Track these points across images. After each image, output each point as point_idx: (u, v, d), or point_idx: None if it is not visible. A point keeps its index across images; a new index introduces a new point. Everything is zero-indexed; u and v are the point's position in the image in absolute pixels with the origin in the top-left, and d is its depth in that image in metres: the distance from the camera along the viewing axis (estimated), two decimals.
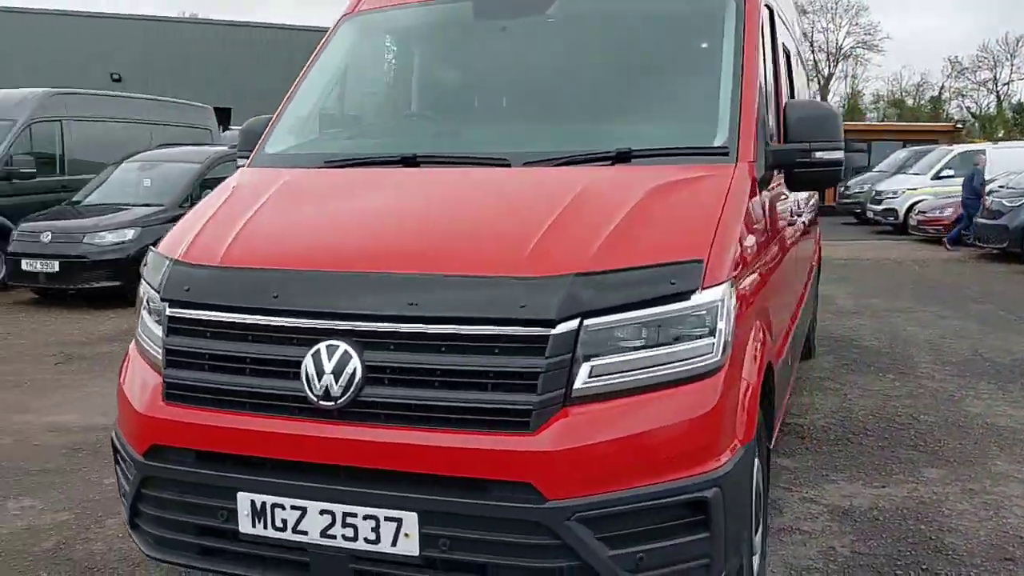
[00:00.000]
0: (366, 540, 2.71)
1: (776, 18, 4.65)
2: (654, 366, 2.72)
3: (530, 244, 2.83)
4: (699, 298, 2.80)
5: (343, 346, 2.73)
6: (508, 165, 3.43)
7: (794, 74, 5.48)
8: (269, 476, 2.80)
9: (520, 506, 2.59)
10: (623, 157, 3.38)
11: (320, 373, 2.73)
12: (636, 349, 2.71)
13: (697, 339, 2.78)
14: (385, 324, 2.73)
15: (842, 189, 25.98)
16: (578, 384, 2.65)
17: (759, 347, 3.29)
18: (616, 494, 2.63)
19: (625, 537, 2.65)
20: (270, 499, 2.79)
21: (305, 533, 2.76)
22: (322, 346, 2.75)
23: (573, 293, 2.68)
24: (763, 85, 3.75)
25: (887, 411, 6.19)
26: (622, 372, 2.70)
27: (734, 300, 2.93)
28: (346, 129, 3.95)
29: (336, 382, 2.71)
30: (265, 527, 2.80)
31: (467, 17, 4.19)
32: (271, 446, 2.80)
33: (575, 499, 2.60)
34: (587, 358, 2.67)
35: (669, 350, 2.74)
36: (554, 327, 2.64)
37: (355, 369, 2.71)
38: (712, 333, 2.81)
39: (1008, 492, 4.70)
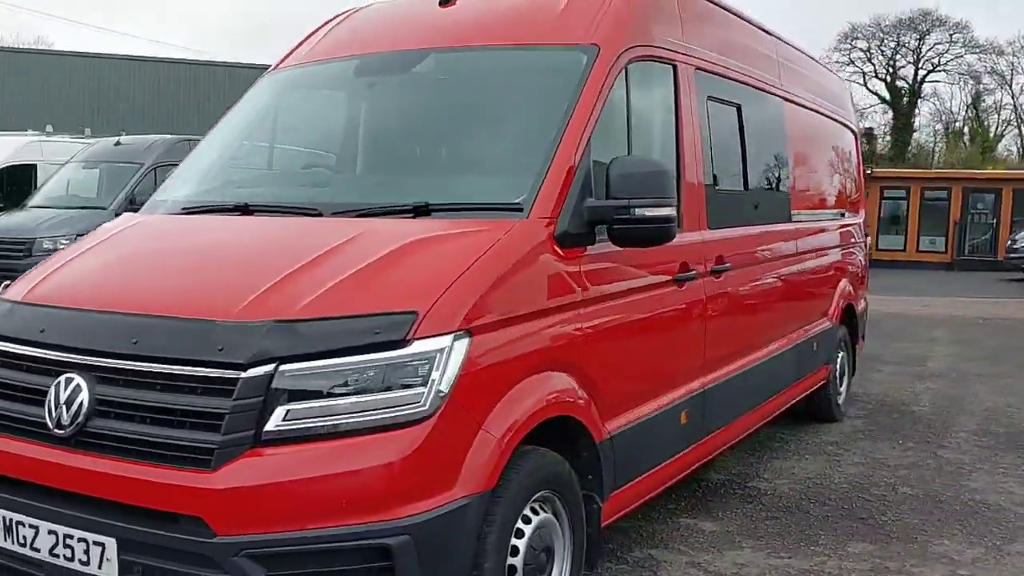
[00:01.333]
0: (80, 561, 2.90)
1: (689, 76, 4.58)
2: (354, 412, 2.79)
3: (258, 291, 2.97)
4: (411, 348, 2.85)
5: (77, 379, 2.97)
6: (320, 215, 3.59)
7: (746, 132, 5.33)
8: (14, 495, 3.06)
9: (193, 539, 2.72)
10: (422, 210, 3.47)
11: (58, 403, 2.98)
12: (337, 395, 2.80)
13: (404, 388, 2.83)
14: (111, 360, 2.95)
15: (1008, 243, 24.20)
16: (270, 426, 2.76)
17: (543, 403, 3.28)
18: (291, 534, 2.71)
19: None
20: (15, 516, 3.04)
21: (39, 550, 2.99)
22: (63, 378, 3.00)
23: (269, 339, 2.80)
24: (588, 144, 3.68)
25: (869, 481, 5.79)
26: (320, 416, 2.78)
27: (466, 353, 2.95)
28: (220, 178, 4.22)
29: (67, 412, 2.95)
30: (12, 542, 3.06)
31: (348, 76, 4.41)
32: (18, 467, 3.06)
33: (245, 536, 2.69)
34: (282, 401, 2.77)
35: (372, 398, 2.81)
36: (244, 371, 2.76)
37: (83, 401, 2.93)
38: (424, 384, 2.85)
39: (923, 575, 4.33)
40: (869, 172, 31.99)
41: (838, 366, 7.35)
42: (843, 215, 7.50)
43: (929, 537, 4.82)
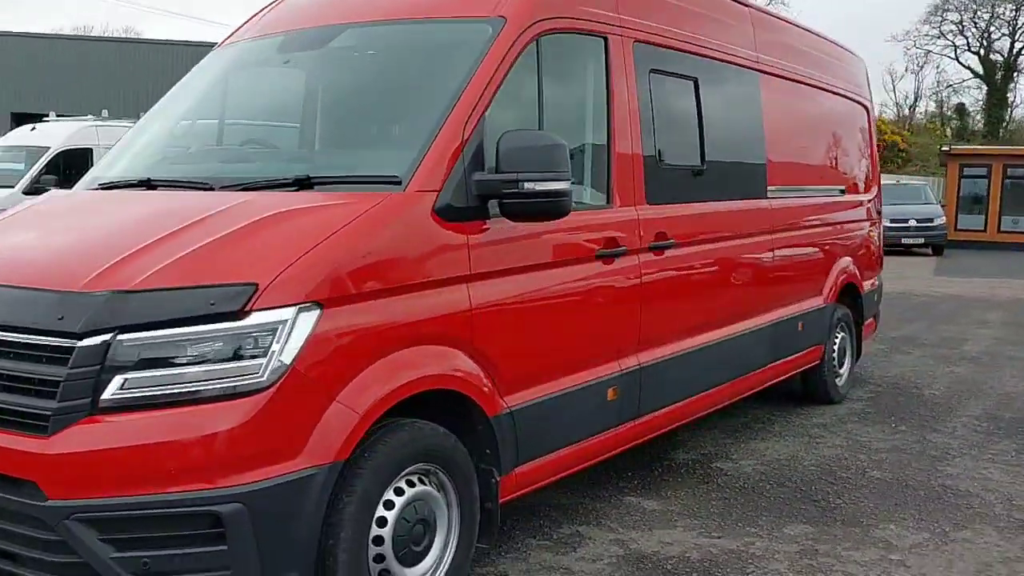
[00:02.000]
0: None
1: (624, 48, 4.51)
2: (190, 382, 2.86)
3: (110, 263, 3.05)
4: (249, 320, 2.90)
5: None
6: (211, 189, 3.67)
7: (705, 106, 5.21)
8: None
9: (27, 502, 2.83)
10: (305, 184, 3.52)
11: None
12: (174, 365, 2.86)
13: (241, 359, 2.89)
14: None
15: None
16: (107, 394, 2.84)
17: (415, 377, 3.30)
18: (122, 499, 2.79)
19: (132, 541, 2.80)
20: None
21: None
22: None
23: (106, 309, 2.88)
24: (483, 117, 3.66)
25: (841, 464, 5.64)
26: (157, 385, 2.86)
27: (315, 325, 2.98)
28: (144, 153, 4.32)
29: None
30: None
31: (273, 52, 4.47)
32: None
33: (76, 500, 2.79)
34: (120, 370, 2.85)
35: (209, 368, 2.87)
36: (80, 339, 2.85)
37: None
38: (264, 355, 2.90)
39: (852, 558, 4.21)
40: (945, 149, 30.89)
41: (835, 347, 7.15)
42: (843, 192, 7.27)
43: (876, 522, 4.68)
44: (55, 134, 15.21)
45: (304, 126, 4.20)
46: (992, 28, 51.63)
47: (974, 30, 52.06)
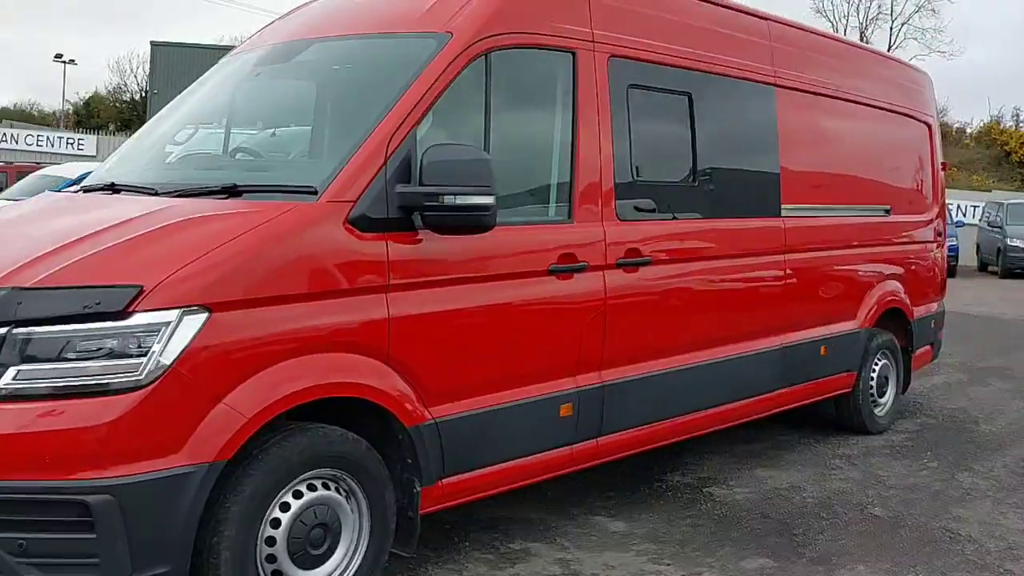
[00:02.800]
0: None
1: (597, 63, 4.46)
2: (74, 376, 3.01)
3: (23, 262, 3.24)
4: (132, 320, 3.04)
5: None
6: (155, 194, 3.84)
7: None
8: None
9: None
10: (233, 192, 3.65)
11: None
12: (61, 360, 3.02)
13: (123, 357, 3.02)
14: None
15: None
16: (1, 383, 3.03)
17: (316, 383, 3.37)
18: (2, 482, 2.96)
19: (9, 523, 2.97)
20: None
21: None
22: None
23: (3, 304, 3.07)
24: (414, 130, 3.70)
25: (844, 499, 5.37)
26: (44, 378, 3.02)
27: (200, 328, 3.09)
28: (128, 157, 4.54)
29: None
30: None
31: (251, 64, 4.63)
32: None
33: None
34: (13, 362, 3.03)
35: (92, 364, 3.02)
36: None
37: None
38: (144, 355, 3.03)
39: None
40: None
41: (873, 374, 6.81)
42: (888, 212, 6.91)
43: (846, 562, 4.44)
44: None
45: (255, 136, 4.35)
46: None
47: None
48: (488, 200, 3.62)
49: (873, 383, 6.84)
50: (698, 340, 5.11)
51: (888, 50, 55.14)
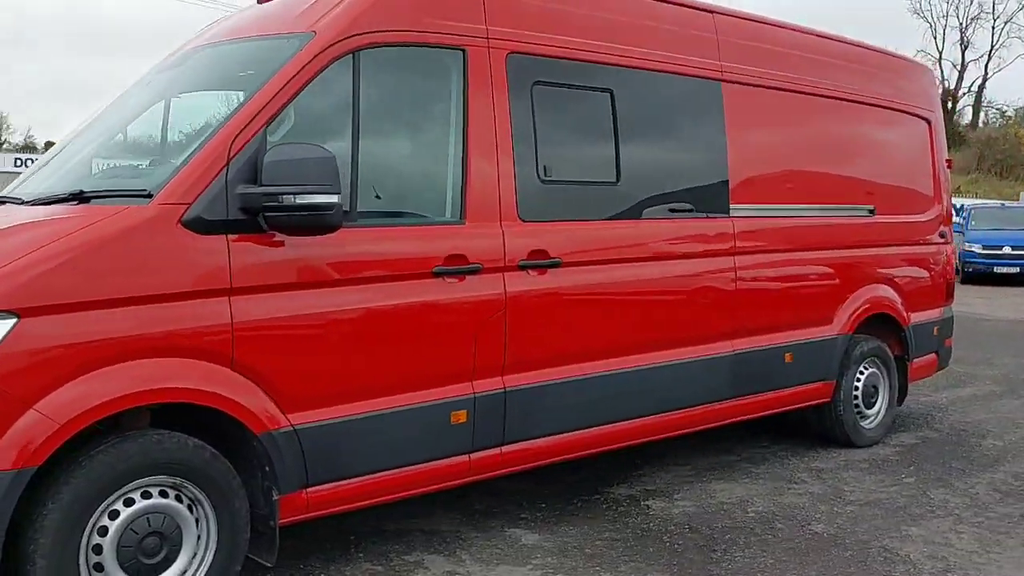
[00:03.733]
0: None
1: (494, 61, 4.35)
2: None
3: None
4: None
5: None
6: (21, 203, 3.89)
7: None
8: None
9: None
10: (82, 198, 3.66)
11: None
12: None
13: None
14: None
15: None
16: None
17: (145, 388, 3.35)
18: None
19: None
20: None
21: None
22: None
23: None
24: (263, 130, 3.64)
25: (791, 514, 5.08)
26: None
27: (7, 333, 3.10)
28: (41, 168, 4.59)
29: None
30: None
31: (157, 71, 4.66)
32: None
33: None
34: None
35: None
36: None
37: None
38: None
39: None
40: None
41: (857, 383, 6.46)
42: (872, 212, 6.55)
43: None
44: None
45: (127, 143, 4.37)
46: None
47: None
48: (330, 199, 3.54)
49: (858, 393, 6.48)
50: (622, 346, 4.90)
51: (991, 50, 52.94)
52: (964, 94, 54.00)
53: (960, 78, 53.28)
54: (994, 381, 9.24)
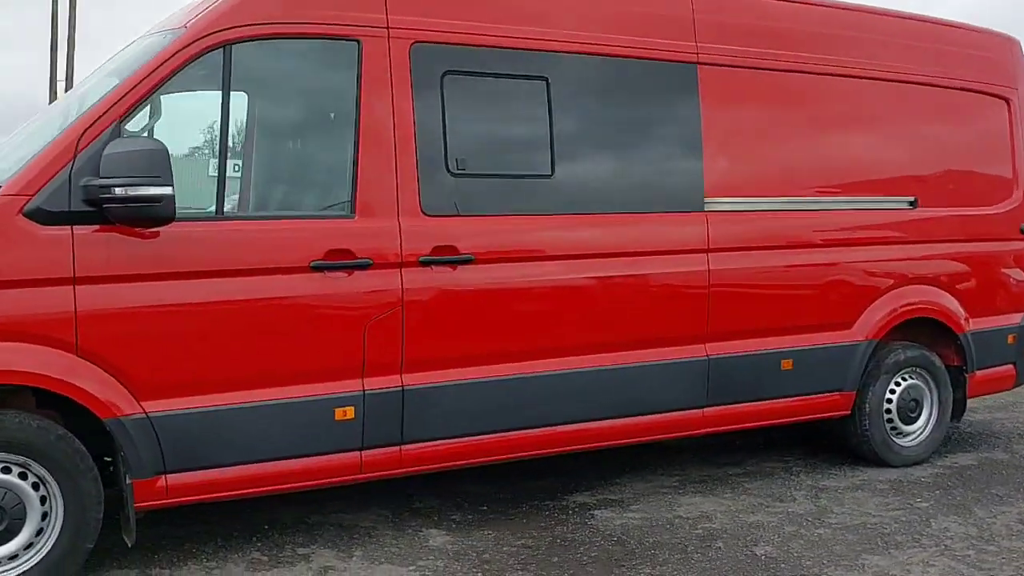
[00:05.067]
0: None
1: (395, 51, 4.26)
2: None
3: None
4: None
5: None
6: None
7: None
8: None
9: None
10: None
11: None
12: None
13: None
14: None
15: None
16: None
17: None
18: None
19: None
20: None
21: None
22: None
23: None
24: (118, 124, 3.76)
25: (741, 533, 4.63)
26: None
27: None
28: None
29: None
30: None
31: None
32: None
33: None
34: None
35: None
36: None
37: None
38: None
39: None
40: None
41: (891, 395, 5.80)
42: (913, 204, 5.84)
43: None
44: None
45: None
46: None
47: None
48: (160, 191, 3.60)
49: (892, 406, 5.82)
50: (553, 347, 4.65)
51: None
52: None
53: None
54: None
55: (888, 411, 5.81)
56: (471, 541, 4.47)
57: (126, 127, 3.82)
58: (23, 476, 3.68)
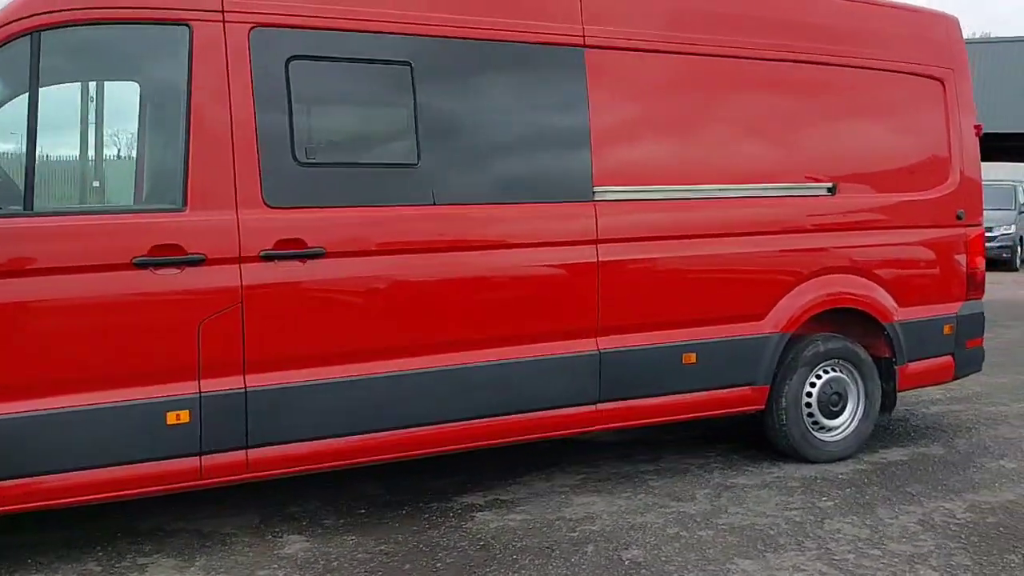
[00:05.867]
0: None
1: (231, 37, 4.09)
2: None
3: None
4: None
5: None
6: None
7: None
8: None
9: None
10: None
11: None
12: None
13: None
14: None
15: None
16: None
17: None
18: None
19: None
20: None
21: None
22: None
23: None
24: None
25: (618, 535, 4.42)
26: None
27: None
28: None
29: None
30: None
31: None
32: None
33: None
34: None
35: None
36: None
37: None
38: None
39: None
40: None
41: (811, 388, 5.54)
42: (832, 190, 5.55)
43: None
44: None
45: None
46: None
47: None
48: None
49: (812, 400, 5.55)
50: (418, 344, 4.47)
51: None
52: None
53: None
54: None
55: (808, 405, 5.55)
56: (328, 548, 4.31)
57: None
58: None
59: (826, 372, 5.59)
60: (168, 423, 4.00)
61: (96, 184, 4.12)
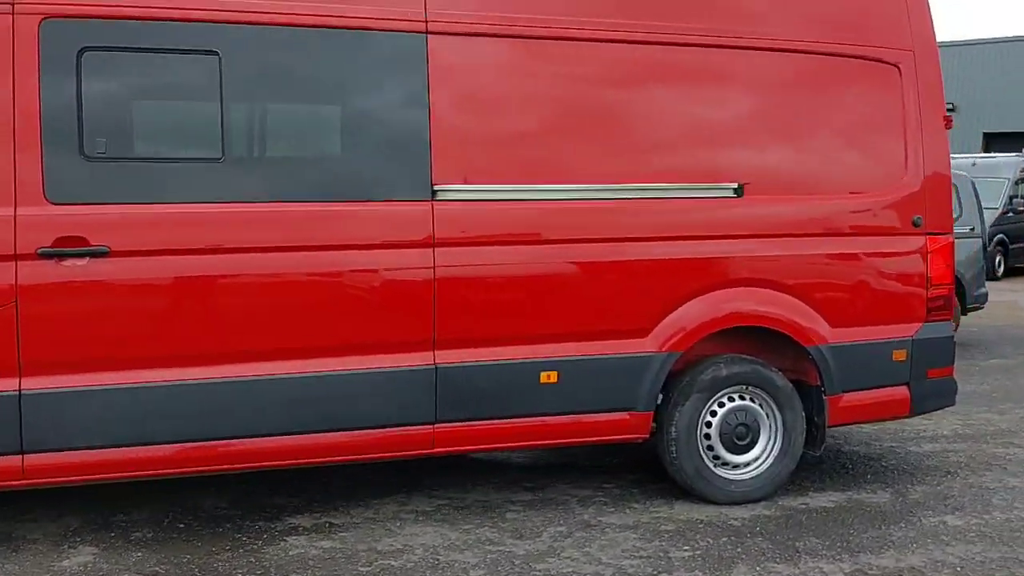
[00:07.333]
0: None
1: (21, 28, 3.94)
2: None
3: None
4: None
5: None
6: None
7: None
8: None
9: None
10: None
11: None
12: None
13: None
14: None
15: None
16: None
17: None
18: None
19: None
20: None
21: None
22: None
23: None
24: None
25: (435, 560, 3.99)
26: None
27: None
28: None
29: None
30: None
31: None
32: None
33: None
34: None
35: None
36: None
37: None
38: None
39: None
40: None
41: (711, 418, 4.87)
42: (739, 192, 4.87)
43: None
44: None
45: None
46: None
47: None
48: None
49: (711, 431, 4.89)
50: (215, 351, 4.17)
51: None
52: None
53: None
54: None
55: (708, 437, 4.89)
56: (107, 564, 4.08)
57: None
58: None
59: (731, 400, 4.91)
60: None
61: None
